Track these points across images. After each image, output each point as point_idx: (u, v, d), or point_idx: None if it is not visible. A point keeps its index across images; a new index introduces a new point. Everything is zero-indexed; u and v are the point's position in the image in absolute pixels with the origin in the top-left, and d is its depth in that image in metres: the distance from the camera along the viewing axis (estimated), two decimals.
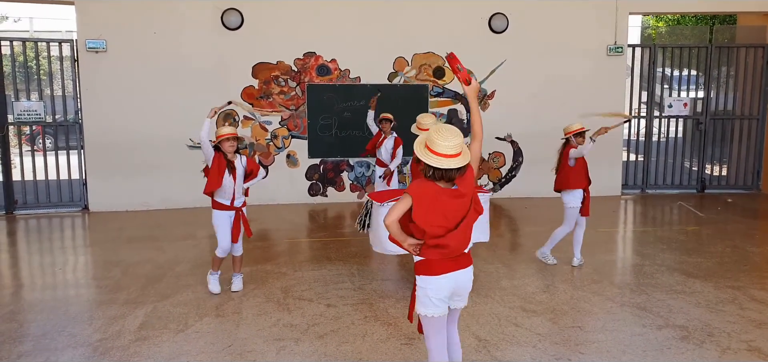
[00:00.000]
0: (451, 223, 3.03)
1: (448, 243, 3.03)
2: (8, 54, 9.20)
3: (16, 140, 9.98)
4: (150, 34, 9.36)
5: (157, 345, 4.40)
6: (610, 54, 10.28)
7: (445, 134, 2.98)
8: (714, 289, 5.54)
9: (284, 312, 5.05)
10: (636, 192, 10.97)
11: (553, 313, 4.97)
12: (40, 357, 4.23)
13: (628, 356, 4.18)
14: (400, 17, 9.88)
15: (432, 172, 2.99)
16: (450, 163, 2.95)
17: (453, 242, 3.04)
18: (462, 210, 3.06)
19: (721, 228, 8.14)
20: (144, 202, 9.60)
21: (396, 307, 5.12)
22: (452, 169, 2.96)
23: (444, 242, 3.03)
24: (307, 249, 7.26)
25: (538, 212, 9.24)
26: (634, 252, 7.24)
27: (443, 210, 3.01)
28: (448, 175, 2.98)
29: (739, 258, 6.64)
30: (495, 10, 10.03)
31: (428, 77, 10.11)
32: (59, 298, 5.51)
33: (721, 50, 11.02)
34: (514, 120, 10.17)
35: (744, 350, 4.27)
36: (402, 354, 4.23)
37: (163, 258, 6.77)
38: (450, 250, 3.05)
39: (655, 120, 11.02)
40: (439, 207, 3.00)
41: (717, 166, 11.48)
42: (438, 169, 2.97)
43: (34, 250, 7.46)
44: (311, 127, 9.94)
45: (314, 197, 10.14)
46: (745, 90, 11.08)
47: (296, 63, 9.81)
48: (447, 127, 3.04)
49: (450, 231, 3.03)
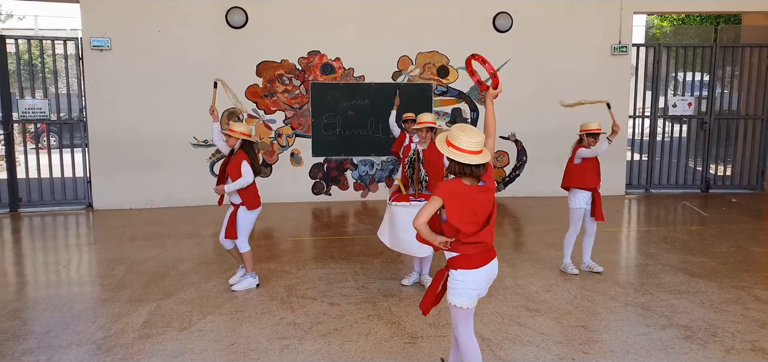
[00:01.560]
0: (481, 219, 3.18)
1: (483, 239, 3.20)
2: (13, 52, 9.23)
3: (20, 138, 10.00)
4: (154, 32, 9.37)
5: (161, 343, 4.40)
6: (615, 53, 10.26)
7: (469, 131, 3.15)
8: (718, 289, 5.53)
9: (288, 310, 5.06)
10: (640, 192, 10.95)
11: (557, 313, 4.97)
12: (43, 354, 4.24)
13: (632, 356, 4.17)
14: (404, 16, 9.87)
15: (459, 168, 3.15)
16: (476, 159, 3.11)
17: (487, 237, 3.22)
18: (489, 205, 3.22)
19: (725, 228, 8.11)
20: (148, 200, 9.62)
21: (399, 306, 5.12)
22: (480, 165, 3.13)
23: (479, 238, 3.19)
24: (310, 248, 7.27)
25: (541, 211, 9.22)
26: (638, 251, 7.22)
27: (473, 206, 3.16)
28: (476, 172, 3.14)
29: (744, 258, 6.62)
30: (499, 9, 10.02)
31: (432, 76, 10.11)
32: (63, 296, 5.52)
33: (725, 50, 10.98)
34: (518, 119, 10.15)
35: (748, 350, 4.25)
36: (405, 353, 4.23)
37: (167, 256, 6.78)
38: (485, 245, 3.23)
39: (659, 119, 10.99)
40: (469, 205, 3.15)
41: (721, 166, 11.44)
42: (467, 166, 3.12)
43: (38, 248, 7.48)
44: (315, 125, 9.95)
45: (318, 195, 10.15)
46: (749, 90, 11.04)
47: (300, 61, 9.82)
48: (468, 126, 3.23)
49: (482, 228, 3.18)
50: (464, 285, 3.25)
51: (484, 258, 3.25)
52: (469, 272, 3.24)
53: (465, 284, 3.25)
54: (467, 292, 3.26)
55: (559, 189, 6.29)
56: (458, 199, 3.13)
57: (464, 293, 3.26)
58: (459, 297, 3.27)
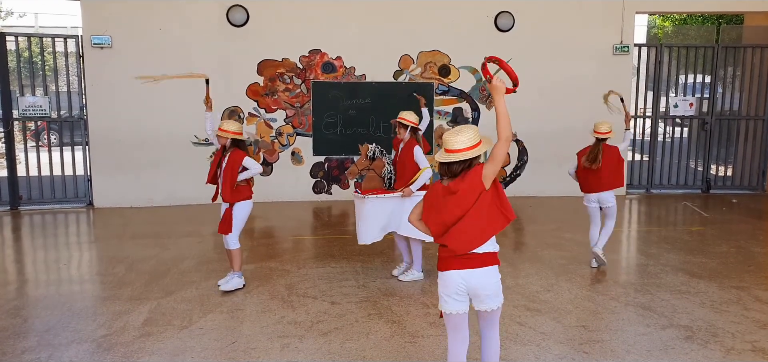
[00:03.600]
0: (447, 222, 3.06)
1: (446, 242, 3.07)
2: (13, 49, 9.22)
3: (21, 136, 10.00)
4: (155, 30, 9.37)
5: (161, 342, 4.40)
6: (616, 53, 10.25)
7: (455, 131, 3.08)
8: (718, 290, 5.52)
9: (288, 309, 5.05)
10: (641, 192, 10.94)
11: (558, 312, 4.96)
12: (44, 352, 4.24)
13: (632, 356, 4.17)
14: (405, 15, 9.86)
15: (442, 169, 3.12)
16: (448, 157, 3.04)
17: (450, 242, 3.05)
18: (456, 209, 3.03)
19: (725, 229, 8.11)
20: (149, 198, 9.62)
21: (400, 305, 5.12)
22: (452, 163, 3.04)
23: (443, 240, 3.09)
24: (311, 247, 7.26)
25: (542, 211, 9.22)
26: (638, 252, 7.22)
27: (438, 209, 3.08)
28: (450, 170, 3.07)
29: (744, 258, 6.62)
30: (501, 8, 10.01)
31: (434, 75, 10.10)
32: (64, 294, 5.52)
33: (727, 50, 10.97)
34: (520, 119, 9.99)
35: (748, 350, 4.25)
36: (406, 352, 4.23)
37: (168, 254, 6.78)
38: (450, 249, 3.06)
39: (660, 120, 10.98)
40: (435, 207, 3.10)
41: (722, 167, 11.43)
42: (441, 164, 3.08)
43: (38, 246, 7.48)
44: (316, 124, 9.94)
45: (319, 194, 10.15)
46: (751, 90, 11.03)
47: (301, 60, 9.81)
48: (462, 126, 3.15)
49: (447, 230, 3.07)
50: (438, 287, 3.20)
51: (454, 262, 3.07)
52: (440, 274, 3.16)
53: (439, 286, 3.19)
54: (440, 297, 3.18)
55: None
56: (427, 201, 3.15)
57: (440, 296, 3.19)
58: (439, 299, 3.21)
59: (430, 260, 6.44)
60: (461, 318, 3.15)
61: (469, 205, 3.00)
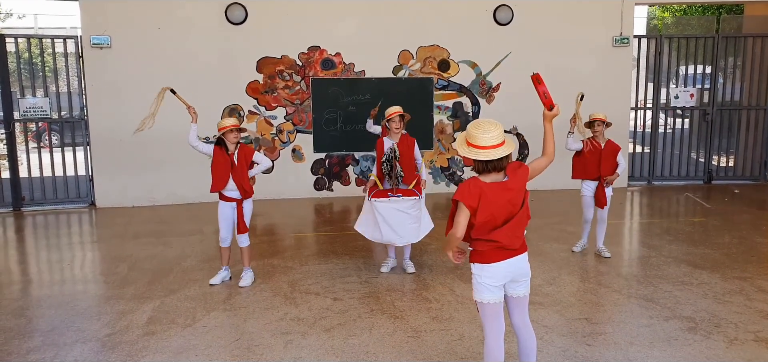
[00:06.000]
0: (499, 219, 3.09)
1: (497, 239, 3.10)
2: (13, 51, 9.22)
3: (22, 137, 10.01)
4: (154, 29, 9.36)
5: (165, 340, 4.41)
6: (616, 45, 10.23)
7: (484, 127, 3.09)
8: (721, 280, 5.52)
9: (291, 306, 5.06)
10: (642, 184, 10.94)
11: (560, 305, 4.97)
12: (48, 352, 4.25)
13: (635, 347, 4.17)
14: (404, 10, 9.85)
15: (482, 166, 3.10)
16: (496, 153, 3.05)
17: (501, 238, 3.10)
18: (510, 206, 3.11)
19: (727, 219, 8.10)
20: (151, 198, 9.63)
21: (402, 300, 5.13)
22: (502, 158, 3.06)
23: (492, 236, 3.10)
24: (313, 244, 7.27)
25: (544, 204, 9.21)
26: (640, 243, 7.22)
27: (491, 206, 3.07)
28: (498, 165, 3.08)
29: (746, 249, 6.62)
30: (500, 1, 9.99)
31: (433, 70, 10.09)
32: (67, 294, 5.54)
33: (727, 40, 10.95)
34: (520, 112, 10.12)
35: (751, 341, 4.25)
36: (409, 347, 4.24)
37: (171, 253, 6.80)
38: (502, 244, 3.12)
39: (661, 111, 10.97)
40: (486, 204, 3.07)
41: (724, 157, 11.42)
42: (489, 162, 3.07)
43: (41, 246, 7.49)
44: (316, 121, 9.94)
45: (320, 191, 10.15)
46: (752, 80, 11.01)
47: (301, 57, 9.81)
48: (484, 120, 3.15)
49: (497, 227, 3.09)
50: (478, 280, 3.19)
51: (500, 254, 3.15)
52: (485, 267, 3.17)
53: (478, 278, 3.19)
54: (483, 287, 3.18)
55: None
56: (474, 198, 3.07)
57: (480, 288, 3.19)
58: (476, 291, 3.22)
59: (430, 255, 6.45)
60: (501, 306, 3.25)
61: (520, 203, 3.15)
